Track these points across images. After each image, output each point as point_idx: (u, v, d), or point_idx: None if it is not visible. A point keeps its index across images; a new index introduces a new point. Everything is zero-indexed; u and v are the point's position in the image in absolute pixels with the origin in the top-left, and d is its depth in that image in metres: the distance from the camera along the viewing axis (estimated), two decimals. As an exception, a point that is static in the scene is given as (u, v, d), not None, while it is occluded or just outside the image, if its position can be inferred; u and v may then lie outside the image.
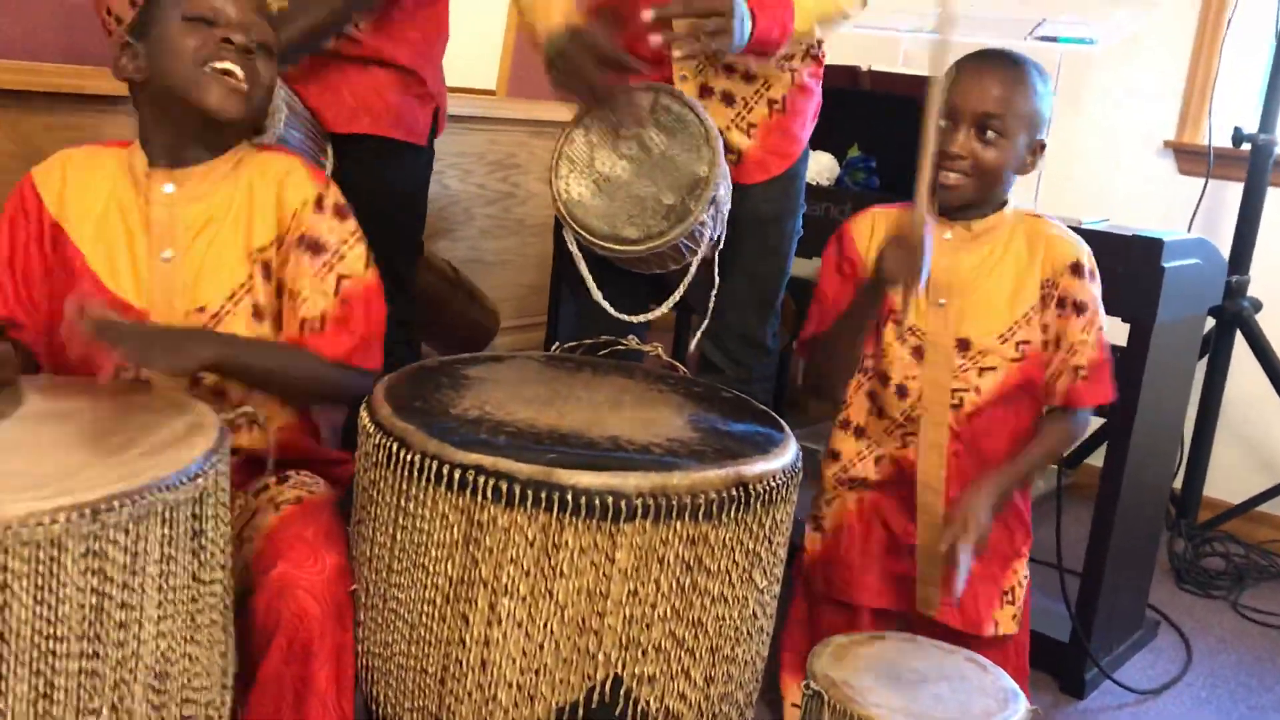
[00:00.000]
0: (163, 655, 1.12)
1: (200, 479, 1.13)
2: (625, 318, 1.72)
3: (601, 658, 1.22)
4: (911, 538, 1.73)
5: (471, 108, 2.90)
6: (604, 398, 1.45)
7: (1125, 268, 1.95)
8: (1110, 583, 2.16)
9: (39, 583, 1.00)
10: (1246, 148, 2.83)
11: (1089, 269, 1.69)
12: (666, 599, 1.22)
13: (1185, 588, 2.73)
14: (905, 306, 1.64)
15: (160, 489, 1.08)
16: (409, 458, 1.23)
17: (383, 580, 1.30)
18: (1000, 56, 1.67)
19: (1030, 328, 1.69)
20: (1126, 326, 2.06)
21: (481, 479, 1.18)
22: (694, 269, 1.70)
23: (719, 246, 1.77)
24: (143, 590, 1.08)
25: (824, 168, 2.47)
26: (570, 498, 1.17)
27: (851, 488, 1.78)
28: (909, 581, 1.74)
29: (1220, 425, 2.99)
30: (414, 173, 2.05)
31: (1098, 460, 2.25)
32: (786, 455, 1.34)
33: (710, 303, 1.80)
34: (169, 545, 1.10)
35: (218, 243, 1.44)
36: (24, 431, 1.17)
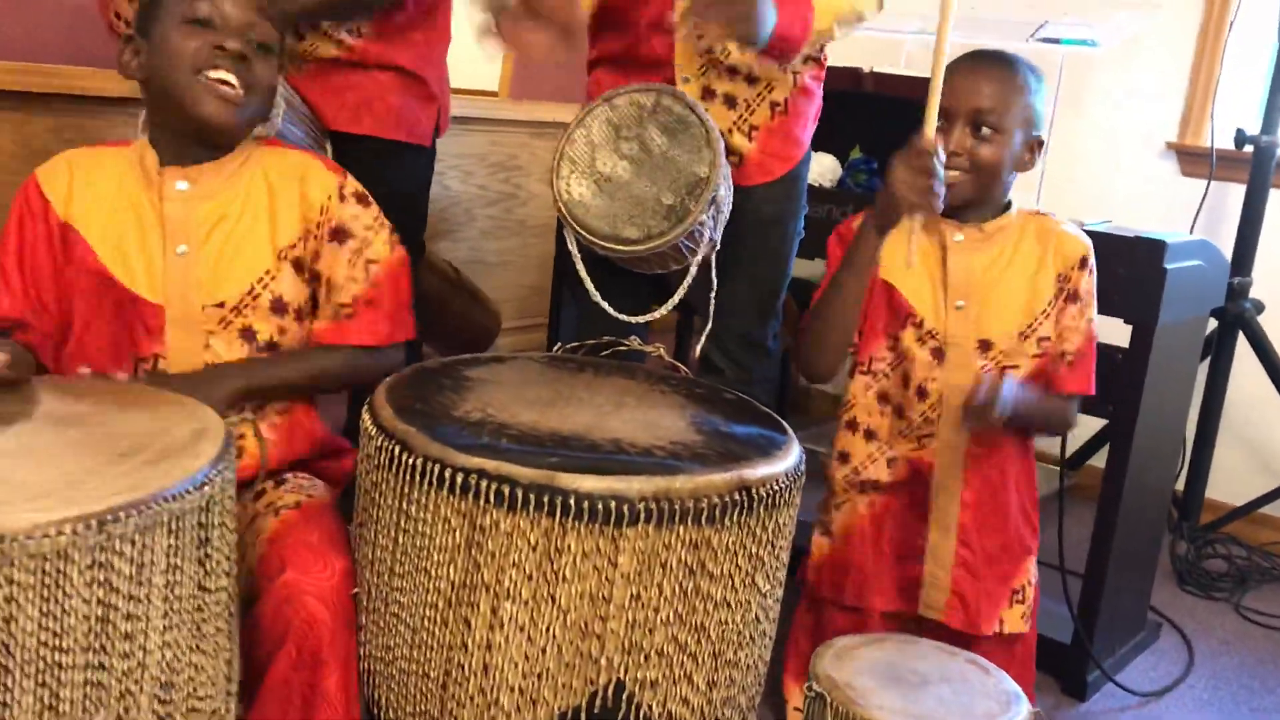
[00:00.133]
0: (168, 665, 1.11)
1: (207, 487, 1.12)
2: (626, 318, 1.72)
3: (604, 662, 1.22)
4: (923, 539, 1.73)
5: (473, 109, 2.90)
6: (606, 399, 1.45)
7: (1128, 269, 1.95)
8: (1112, 584, 2.16)
9: (44, 595, 1.00)
10: (1249, 149, 2.82)
11: (1091, 264, 1.72)
12: (669, 603, 1.22)
13: (1187, 590, 2.73)
14: (910, 239, 1.59)
15: (167, 499, 1.07)
16: (411, 461, 1.23)
17: (384, 584, 1.30)
18: (992, 55, 1.69)
19: (1049, 323, 1.70)
20: (1129, 328, 2.05)
21: (484, 483, 1.18)
22: (694, 269, 1.70)
23: (717, 247, 1.77)
24: (148, 600, 1.07)
25: (826, 169, 2.47)
26: (573, 502, 1.17)
27: (863, 490, 1.78)
28: (912, 581, 1.74)
29: (1222, 427, 2.98)
30: (416, 174, 2.05)
31: (1100, 462, 2.25)
32: (790, 458, 1.34)
33: (710, 304, 1.80)
34: (175, 555, 1.09)
35: (234, 238, 1.45)
36: (27, 436, 1.16)
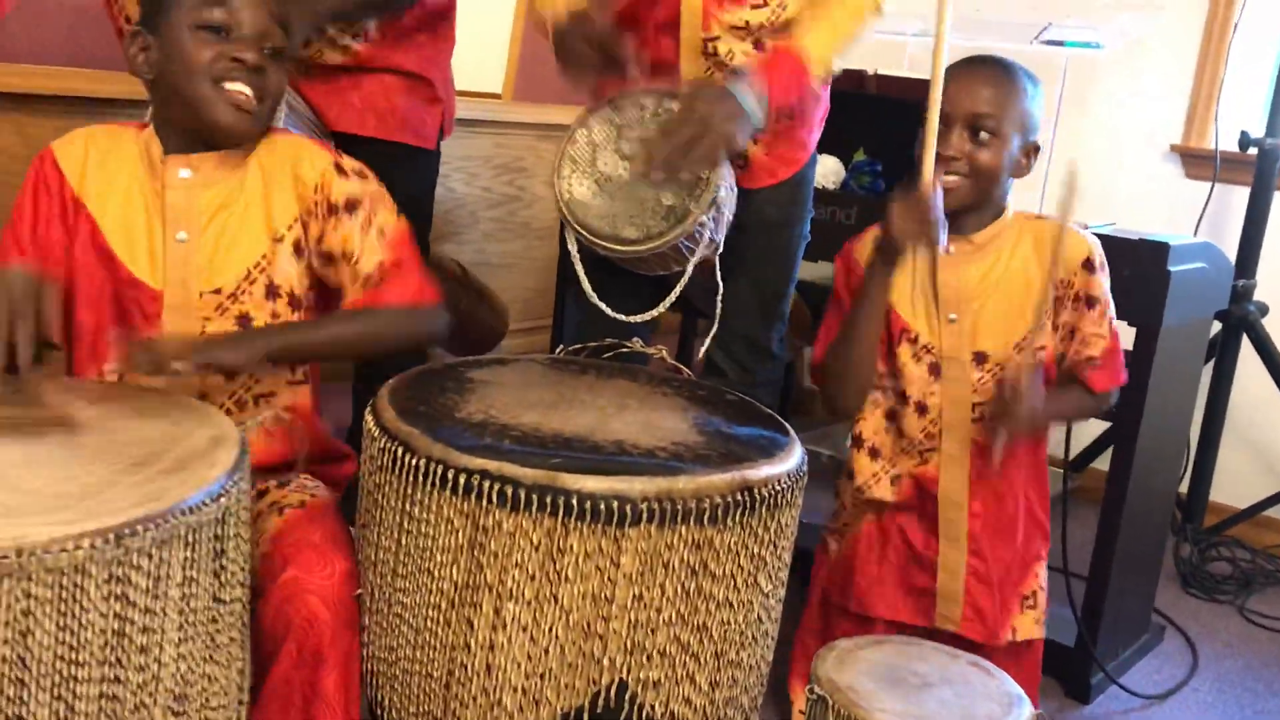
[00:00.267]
0: (182, 676, 1.10)
1: (224, 498, 1.11)
2: (623, 318, 1.72)
3: (606, 662, 1.22)
4: (932, 551, 1.73)
5: (477, 111, 2.90)
6: (608, 401, 1.45)
7: (1131, 272, 1.95)
8: (1116, 587, 2.16)
9: (62, 609, 0.99)
10: (1253, 152, 2.82)
11: (1099, 263, 1.69)
12: (671, 604, 1.22)
13: (1191, 592, 2.72)
14: (931, 265, 1.63)
15: (184, 511, 1.06)
16: (414, 462, 1.23)
17: (387, 585, 1.30)
18: (989, 61, 1.69)
19: (1044, 332, 1.68)
20: (1133, 330, 2.05)
21: (486, 483, 1.18)
22: (690, 270, 1.70)
23: (719, 249, 1.77)
24: (164, 613, 1.07)
25: (829, 171, 2.46)
26: (575, 502, 1.17)
27: (870, 509, 1.78)
28: (927, 596, 1.74)
29: (1226, 429, 2.98)
30: (421, 176, 2.06)
31: (1103, 464, 2.25)
32: (791, 459, 1.34)
33: (716, 307, 1.80)
34: (191, 567, 1.08)
35: (231, 226, 1.45)
36: (42, 443, 1.15)
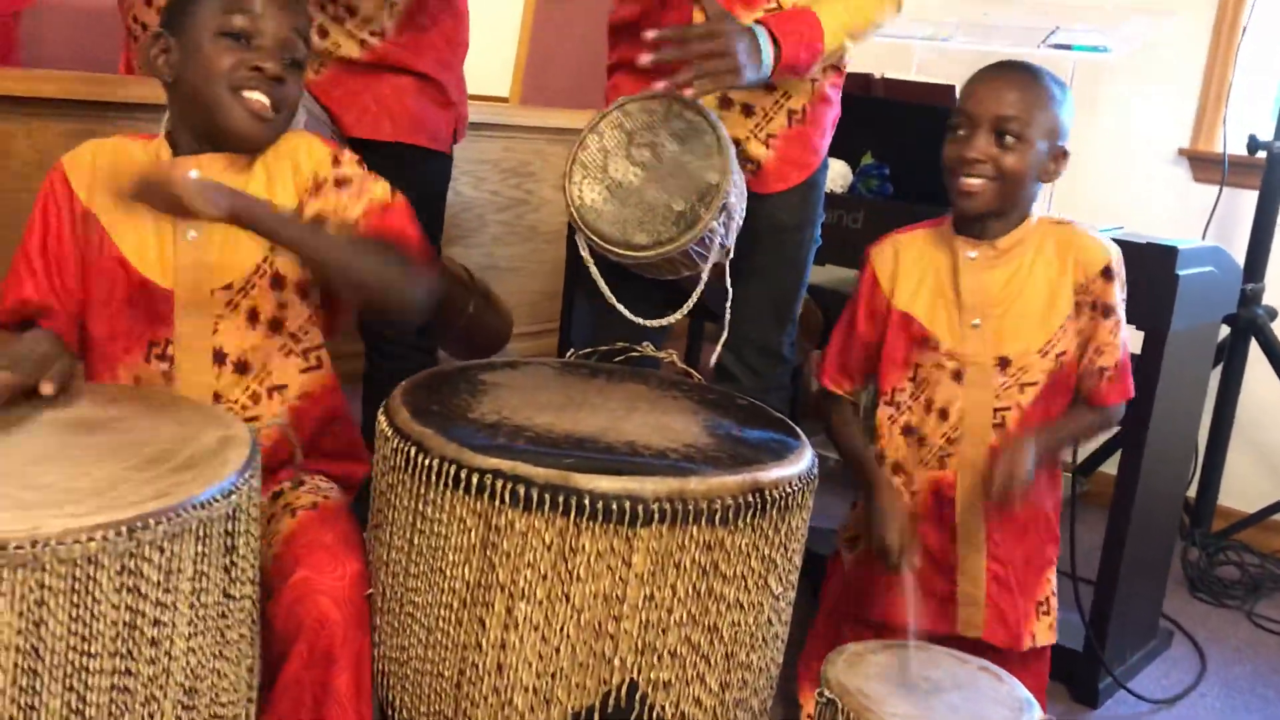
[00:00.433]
0: (192, 671, 1.12)
1: (234, 495, 1.13)
2: (641, 322, 1.73)
3: (617, 662, 1.22)
4: (952, 557, 1.72)
5: (485, 115, 2.91)
6: (619, 404, 1.46)
7: (1139, 276, 1.94)
8: (1124, 591, 2.16)
9: (74, 599, 1.00)
10: (1261, 155, 2.82)
11: (1118, 273, 1.69)
12: (683, 604, 1.23)
13: (1199, 597, 2.72)
14: (954, 271, 1.68)
15: (196, 506, 1.08)
16: (427, 462, 1.24)
17: (399, 584, 1.31)
18: (1016, 65, 1.68)
19: (1067, 337, 1.68)
20: (1141, 334, 2.05)
21: (499, 483, 1.19)
22: (705, 276, 1.71)
23: (730, 254, 1.77)
24: (175, 607, 1.08)
25: (837, 175, 2.47)
26: (587, 502, 1.17)
27: None
28: (949, 602, 1.73)
29: (1235, 434, 2.97)
30: (434, 180, 2.06)
31: (1111, 468, 2.24)
32: (802, 462, 1.34)
33: (727, 314, 1.80)
34: (202, 562, 1.10)
35: None
36: (57, 441, 1.17)
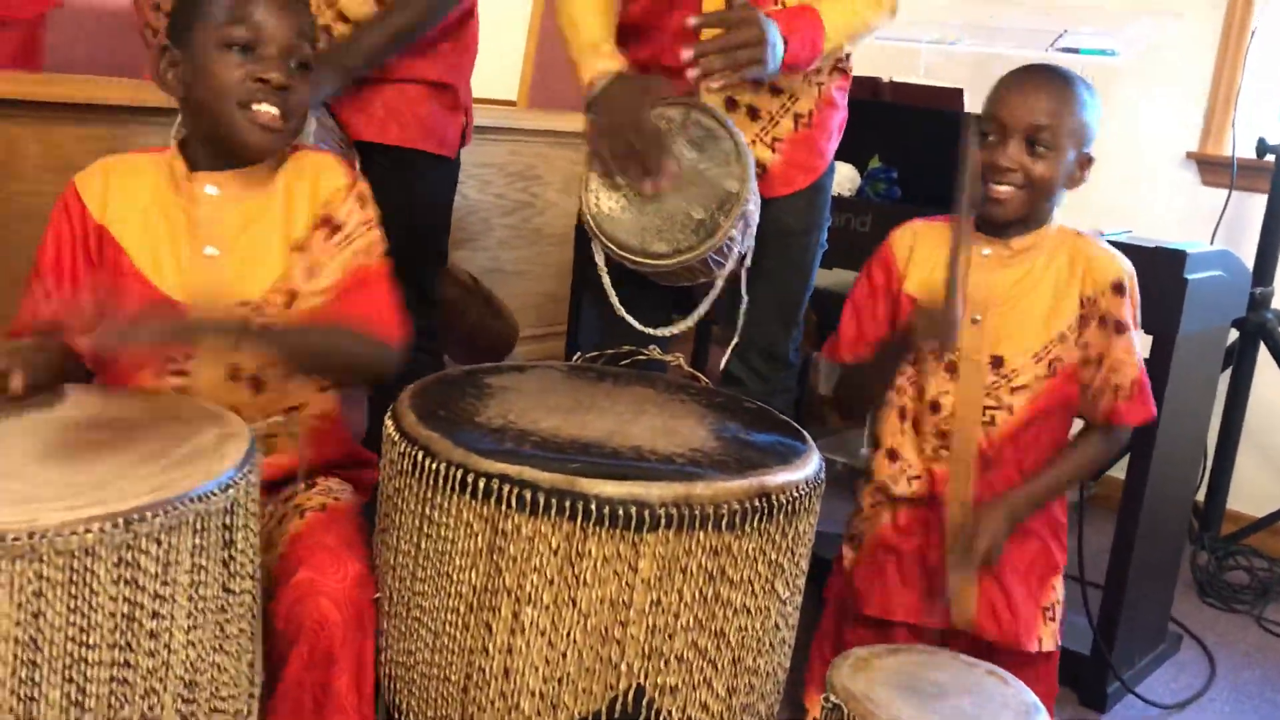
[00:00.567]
0: (192, 664, 1.13)
1: (232, 489, 1.14)
2: (650, 330, 1.73)
3: (624, 667, 1.22)
4: (939, 551, 1.73)
5: (492, 118, 2.91)
6: (626, 407, 1.46)
7: (1148, 280, 1.94)
8: (1132, 596, 2.15)
9: (72, 591, 1.02)
10: (1270, 159, 2.81)
11: (1130, 288, 1.69)
12: (689, 609, 1.23)
13: (1208, 601, 2.71)
14: (961, 264, 1.63)
15: (193, 499, 1.09)
16: (434, 466, 1.24)
17: (406, 588, 1.31)
18: (1047, 70, 1.67)
19: (1065, 346, 1.68)
20: (1149, 339, 2.05)
21: (506, 487, 1.19)
22: (720, 284, 1.71)
23: (747, 262, 1.77)
24: (173, 599, 1.09)
25: (845, 179, 2.47)
26: (594, 507, 1.17)
27: (888, 505, 1.78)
28: (937, 595, 1.74)
29: (1244, 438, 2.96)
30: (441, 185, 2.06)
31: (1120, 472, 2.24)
32: (809, 466, 1.34)
33: (740, 319, 1.80)
34: (200, 555, 1.11)
35: (259, 240, 1.46)
36: (59, 439, 1.18)
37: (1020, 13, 2.72)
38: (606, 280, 1.73)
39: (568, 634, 1.21)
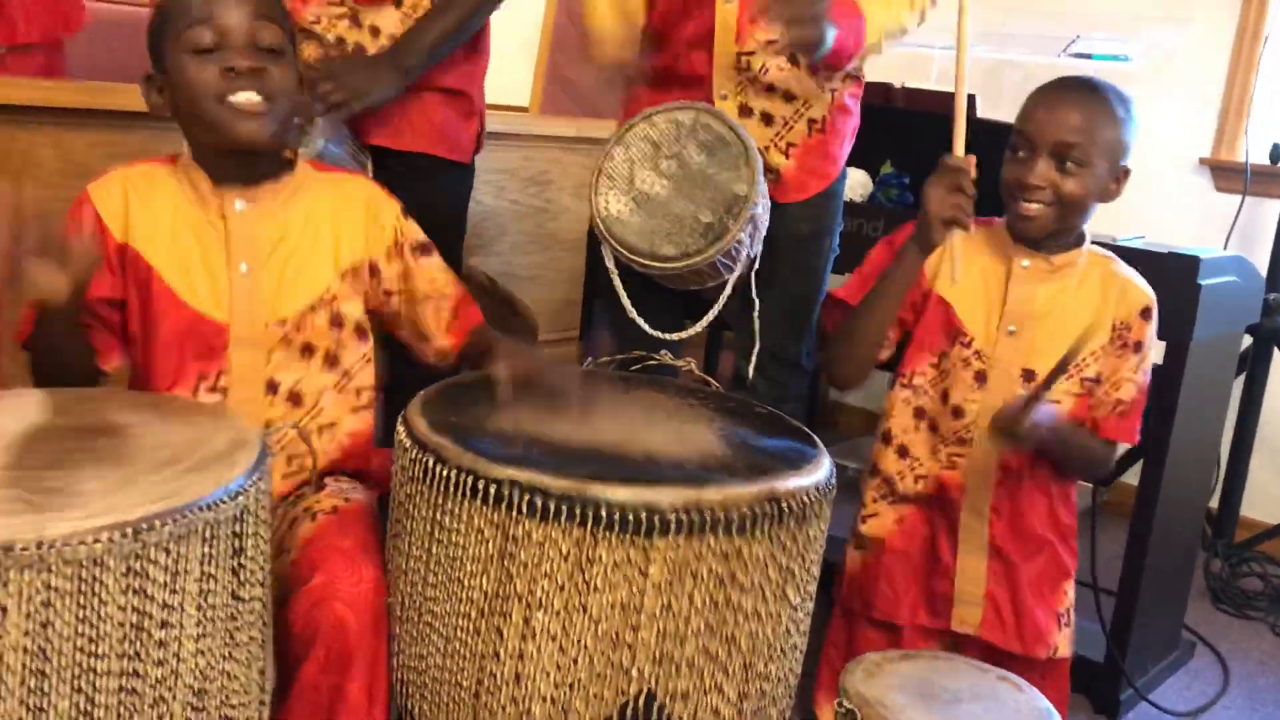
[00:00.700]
0: (201, 673, 1.12)
1: (242, 497, 1.13)
2: (660, 335, 1.73)
3: (635, 672, 1.22)
4: (948, 555, 1.72)
5: (505, 124, 2.91)
6: (637, 412, 1.46)
7: (1161, 286, 1.94)
8: (1146, 603, 2.14)
9: (81, 601, 1.01)
10: (1284, 164, 2.81)
11: (1154, 312, 1.69)
12: (700, 614, 1.23)
13: (1222, 608, 2.70)
14: (952, 256, 1.63)
15: (202, 507, 1.08)
16: (444, 472, 1.24)
17: (418, 594, 1.31)
18: (1078, 84, 1.65)
19: (1096, 365, 1.68)
20: (1162, 345, 2.04)
21: (516, 493, 1.19)
22: (730, 287, 1.71)
23: (756, 266, 1.77)
24: (182, 608, 1.08)
25: (857, 184, 2.47)
26: (604, 512, 1.18)
27: (891, 503, 1.78)
28: (948, 600, 1.73)
29: (1257, 444, 2.95)
30: (457, 190, 2.07)
31: (1133, 479, 2.23)
32: (820, 471, 1.34)
33: (755, 324, 1.80)
34: (209, 563, 1.10)
35: (296, 258, 1.48)
36: (71, 446, 1.18)
37: (1033, 18, 2.72)
38: (618, 283, 1.74)
39: (579, 639, 1.21)
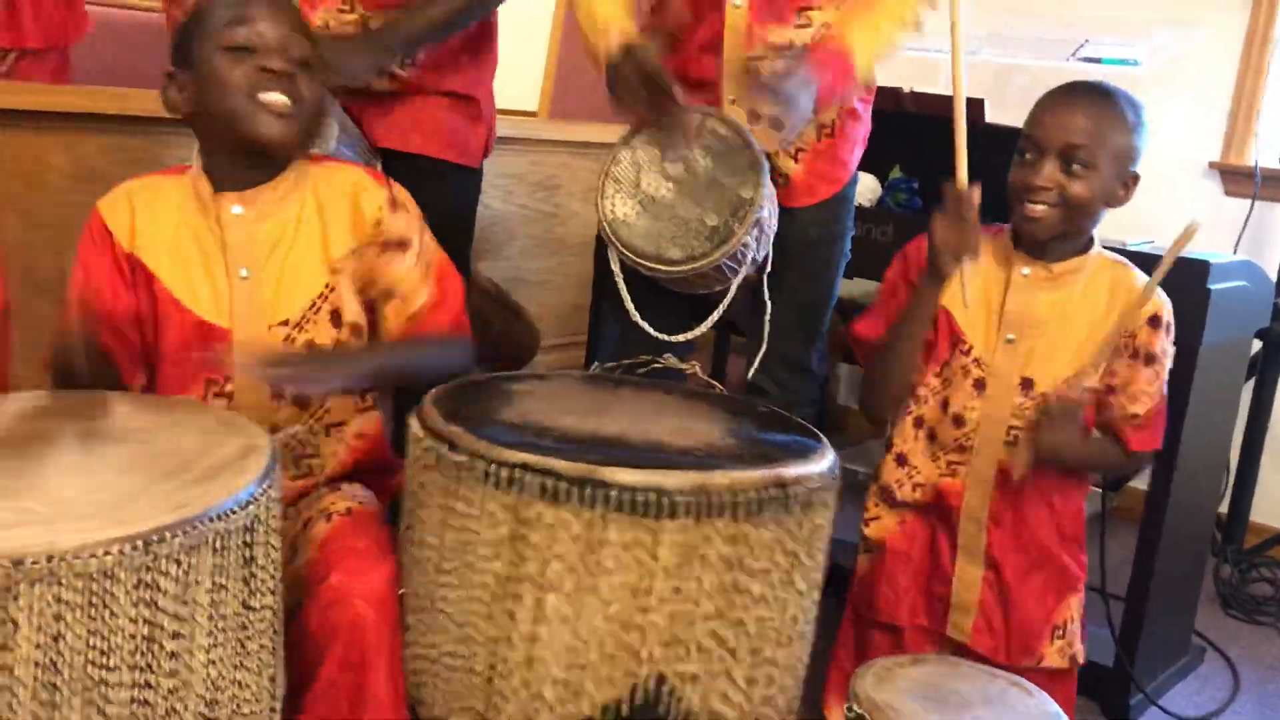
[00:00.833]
0: (213, 682, 1.11)
1: (252, 506, 1.12)
2: (665, 337, 1.74)
3: (645, 655, 1.23)
4: (946, 561, 1.72)
5: (513, 129, 2.92)
6: (644, 410, 1.48)
7: (1170, 290, 1.94)
8: (1155, 608, 2.14)
9: (92, 614, 1.00)
10: (1293, 170, 2.81)
11: (1166, 322, 1.66)
12: (709, 597, 1.24)
13: (1232, 614, 2.69)
14: (961, 281, 1.62)
15: (212, 518, 1.07)
16: (457, 458, 1.26)
17: (431, 581, 1.32)
18: (1088, 88, 1.64)
19: (1097, 375, 1.64)
20: (1172, 350, 2.04)
21: (528, 476, 1.21)
22: (734, 290, 1.72)
23: (765, 269, 1.78)
24: (194, 619, 1.08)
25: (866, 189, 2.47)
26: (614, 494, 1.19)
27: (892, 508, 1.78)
28: (941, 602, 1.73)
29: (1267, 449, 2.94)
30: (464, 193, 2.07)
31: (1142, 484, 2.23)
32: (824, 461, 1.35)
33: (765, 329, 1.81)
34: (220, 574, 1.09)
35: (292, 257, 1.48)
36: (82, 454, 1.18)
37: (1041, 23, 2.72)
38: (623, 286, 1.74)
39: (589, 621, 1.22)
